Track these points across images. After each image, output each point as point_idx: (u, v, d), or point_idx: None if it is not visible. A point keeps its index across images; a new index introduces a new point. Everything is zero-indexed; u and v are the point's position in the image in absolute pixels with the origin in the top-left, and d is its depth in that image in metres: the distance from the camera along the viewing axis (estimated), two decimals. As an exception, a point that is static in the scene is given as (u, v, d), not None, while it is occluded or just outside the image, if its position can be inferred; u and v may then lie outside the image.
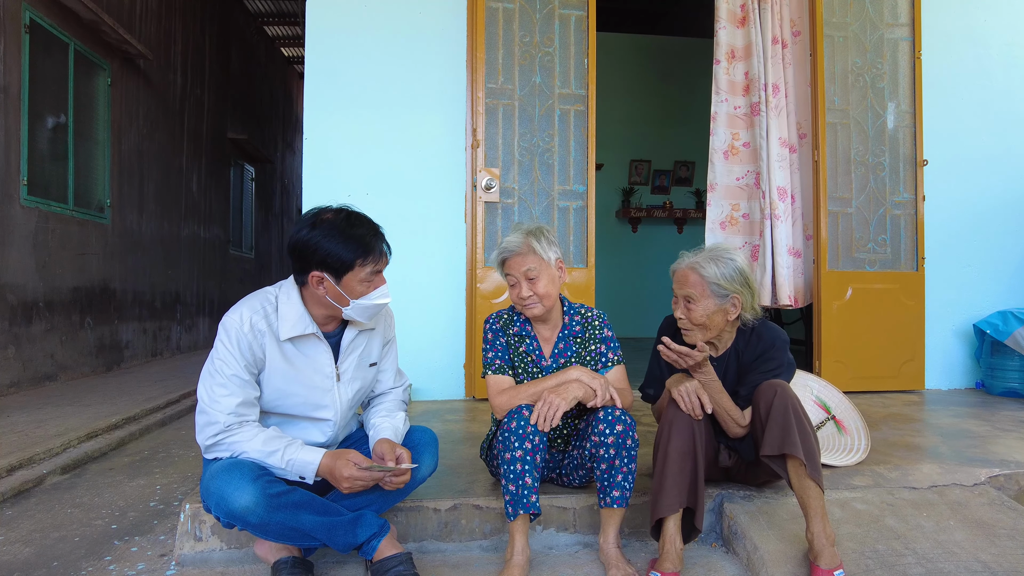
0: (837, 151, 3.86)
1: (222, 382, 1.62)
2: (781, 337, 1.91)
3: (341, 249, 1.63)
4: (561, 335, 2.00)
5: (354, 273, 1.65)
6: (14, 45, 4.38)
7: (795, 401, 1.73)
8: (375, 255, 1.67)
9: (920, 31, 3.94)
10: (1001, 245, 4.15)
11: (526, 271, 1.88)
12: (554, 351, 1.99)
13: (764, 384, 1.80)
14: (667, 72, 7.34)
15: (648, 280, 7.22)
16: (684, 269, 1.87)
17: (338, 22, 3.60)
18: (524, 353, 1.99)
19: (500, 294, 3.54)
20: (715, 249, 1.88)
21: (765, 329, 1.91)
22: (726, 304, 1.84)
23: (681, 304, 1.87)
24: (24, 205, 4.48)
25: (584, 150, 3.68)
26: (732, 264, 1.84)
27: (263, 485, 1.55)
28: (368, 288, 1.68)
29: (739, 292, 1.84)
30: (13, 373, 4.37)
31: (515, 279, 1.90)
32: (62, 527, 2.21)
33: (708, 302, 1.83)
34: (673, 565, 1.73)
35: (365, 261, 1.65)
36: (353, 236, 1.64)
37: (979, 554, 1.76)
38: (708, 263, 1.83)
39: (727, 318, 1.86)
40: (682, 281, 1.87)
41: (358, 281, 1.66)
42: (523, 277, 1.89)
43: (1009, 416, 3.21)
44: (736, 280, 1.83)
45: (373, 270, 1.68)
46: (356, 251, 1.64)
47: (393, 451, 1.69)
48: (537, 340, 2.00)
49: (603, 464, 1.78)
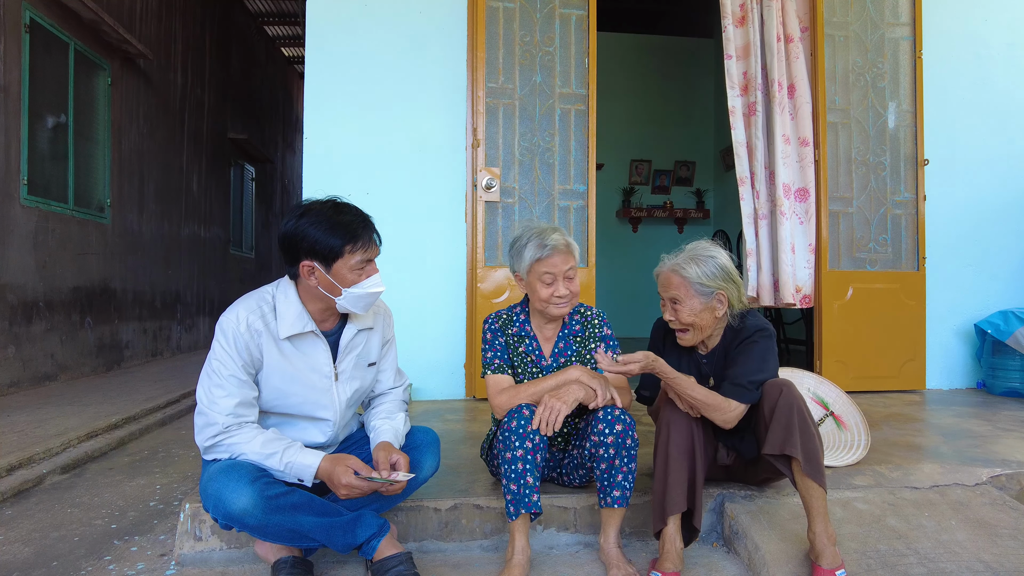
0: (838, 151, 3.85)
1: (220, 383, 1.62)
2: (763, 326, 1.87)
3: (328, 236, 1.62)
4: (561, 334, 2.01)
5: (344, 260, 1.64)
6: (14, 44, 4.38)
7: (800, 401, 1.72)
8: (364, 241, 1.65)
9: (921, 31, 3.94)
10: (1002, 244, 4.14)
11: (567, 270, 1.89)
12: (554, 350, 1.99)
13: (769, 383, 1.79)
14: (668, 72, 7.34)
15: (648, 280, 7.04)
16: (666, 272, 1.88)
17: (338, 22, 3.60)
18: (524, 353, 1.99)
19: (500, 294, 3.54)
20: (695, 248, 1.88)
21: (750, 321, 1.90)
22: (711, 301, 1.84)
23: (668, 306, 1.89)
24: (24, 205, 4.48)
25: (585, 149, 3.68)
26: (713, 262, 1.84)
27: (261, 487, 1.54)
28: (359, 276, 1.66)
29: (723, 288, 1.84)
30: (13, 373, 4.37)
31: (553, 276, 1.88)
32: (62, 527, 2.21)
33: (694, 302, 1.84)
34: (674, 565, 1.72)
35: (354, 248, 1.64)
36: (340, 223, 1.64)
37: (981, 554, 1.75)
38: (689, 264, 1.84)
39: (715, 315, 1.86)
40: (665, 284, 1.88)
41: (348, 269, 1.65)
42: (563, 276, 1.89)
43: (1010, 416, 3.21)
44: (719, 277, 1.83)
45: (363, 258, 1.66)
46: (344, 237, 1.63)
47: (388, 459, 1.67)
48: (537, 340, 2.00)
49: (602, 464, 1.78)
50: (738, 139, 3.71)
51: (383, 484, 1.61)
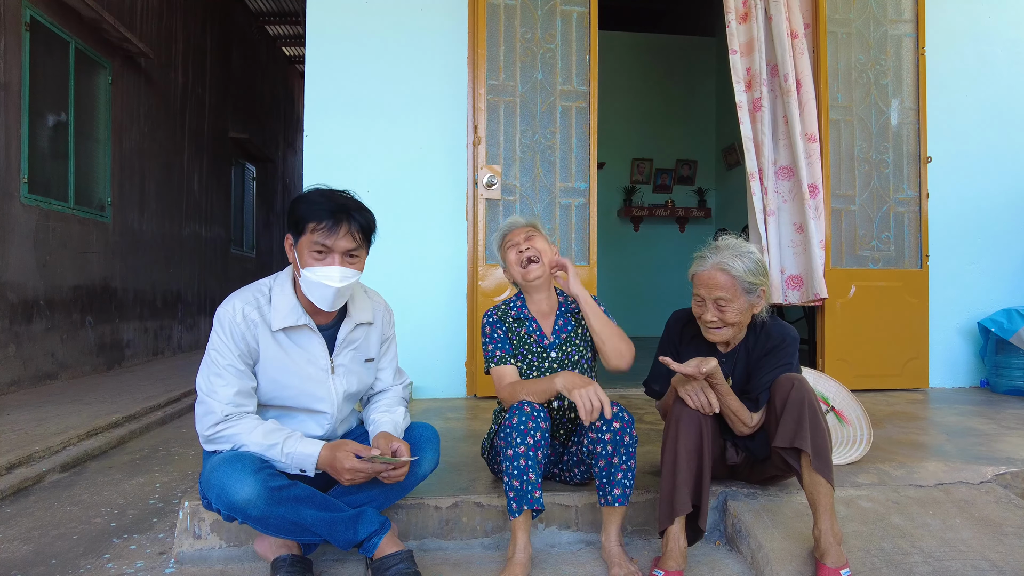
0: (840, 148, 3.83)
1: (218, 372, 1.63)
2: (791, 335, 1.88)
3: (303, 209, 1.63)
4: (559, 312, 2.05)
5: (307, 237, 1.62)
6: (15, 43, 4.37)
7: (812, 396, 1.71)
8: (329, 225, 1.60)
9: (924, 27, 3.92)
10: (1006, 242, 4.12)
11: (526, 234, 2.01)
12: (554, 328, 2.03)
13: (782, 377, 1.78)
14: (669, 70, 7.32)
15: (650, 279, 7.20)
16: (710, 271, 1.79)
17: (339, 21, 3.59)
18: (526, 335, 2.01)
19: (501, 292, 3.53)
20: (730, 244, 1.83)
21: (775, 326, 1.89)
22: (753, 299, 1.82)
23: (711, 307, 1.81)
24: (25, 203, 4.47)
25: (586, 147, 3.66)
26: (752, 256, 1.81)
27: (264, 478, 1.54)
28: (315, 261, 1.63)
29: (764, 284, 1.81)
30: (14, 371, 4.37)
31: (514, 241, 2.02)
32: (61, 525, 2.20)
33: (741, 301, 1.79)
34: (677, 563, 1.71)
35: (317, 226, 1.60)
36: (317, 202, 1.63)
37: (986, 552, 1.74)
38: (734, 260, 1.78)
39: (753, 312, 1.85)
40: (710, 284, 1.79)
41: (307, 249, 1.63)
42: (523, 237, 2.01)
43: (1014, 414, 3.19)
44: (760, 272, 1.80)
45: (322, 241, 1.61)
46: (312, 213, 1.61)
47: (389, 445, 1.66)
48: (536, 321, 2.03)
49: (601, 461, 1.77)
50: (746, 134, 3.68)
51: (386, 465, 1.60)
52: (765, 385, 1.82)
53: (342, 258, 1.64)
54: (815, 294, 3.60)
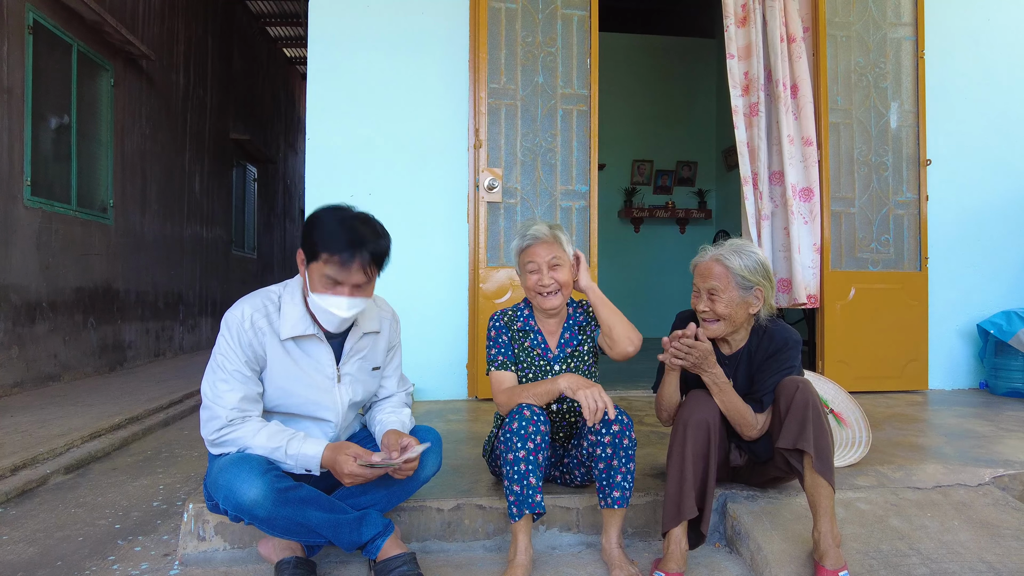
0: (840, 151, 3.85)
1: (224, 377, 1.64)
2: (793, 338, 1.90)
3: (319, 234, 1.61)
4: (566, 326, 2.03)
5: (317, 265, 1.62)
6: (17, 46, 4.39)
7: (816, 398, 1.74)
8: (341, 259, 1.58)
9: (923, 31, 3.94)
10: (1005, 245, 4.14)
11: (551, 260, 1.90)
12: (559, 342, 2.01)
13: (787, 380, 1.80)
14: (669, 72, 7.33)
15: (651, 280, 7.21)
16: (708, 262, 1.88)
17: (340, 23, 3.61)
18: (530, 348, 2.00)
19: (503, 294, 3.54)
20: (736, 243, 1.89)
21: (778, 329, 1.91)
22: (749, 296, 1.85)
23: (704, 297, 1.87)
24: (27, 205, 4.49)
25: (587, 150, 3.68)
26: (754, 256, 1.86)
27: (271, 479, 1.56)
28: (325, 289, 1.62)
29: (762, 284, 1.85)
30: (17, 373, 4.38)
31: (537, 266, 1.91)
32: (66, 527, 2.21)
33: (732, 293, 1.84)
34: (677, 565, 1.72)
35: (329, 259, 1.59)
36: (333, 231, 1.60)
37: (984, 554, 1.75)
38: (732, 255, 1.85)
39: (749, 311, 1.87)
40: (706, 274, 1.87)
41: (318, 276, 1.62)
42: (547, 265, 1.90)
43: (1013, 416, 3.20)
44: (759, 272, 1.84)
45: (333, 274, 1.59)
46: (326, 244, 1.59)
47: (398, 441, 1.69)
48: (542, 334, 2.02)
49: (600, 464, 1.78)
50: (740, 139, 3.70)
51: (387, 468, 1.61)
52: (769, 388, 1.85)
53: (352, 289, 1.64)
54: (794, 299, 3.63)
